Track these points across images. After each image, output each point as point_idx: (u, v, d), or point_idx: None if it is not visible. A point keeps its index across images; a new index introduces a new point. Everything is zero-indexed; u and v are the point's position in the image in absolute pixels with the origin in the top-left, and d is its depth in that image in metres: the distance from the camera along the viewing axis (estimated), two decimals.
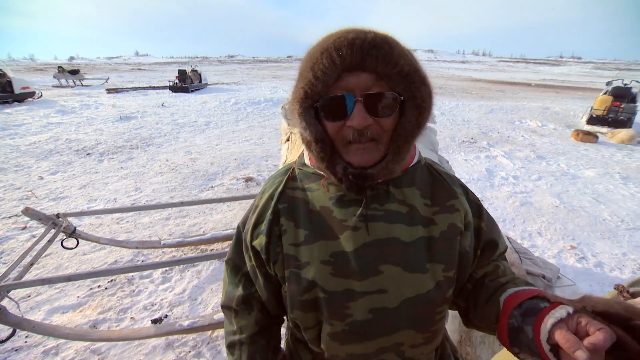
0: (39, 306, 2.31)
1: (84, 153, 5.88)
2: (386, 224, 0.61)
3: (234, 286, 0.74)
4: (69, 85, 17.39)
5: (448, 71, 42.96)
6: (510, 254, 2.00)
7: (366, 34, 0.53)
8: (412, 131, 0.57)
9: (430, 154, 1.84)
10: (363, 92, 0.53)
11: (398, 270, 0.60)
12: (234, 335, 0.74)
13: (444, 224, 0.63)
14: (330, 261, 0.61)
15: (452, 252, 0.63)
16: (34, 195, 4.10)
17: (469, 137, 7.43)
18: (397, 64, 0.53)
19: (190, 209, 3.74)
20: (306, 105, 0.58)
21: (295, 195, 0.67)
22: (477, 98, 15.05)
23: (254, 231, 0.68)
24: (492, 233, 0.69)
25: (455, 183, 0.69)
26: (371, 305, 0.60)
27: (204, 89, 16.52)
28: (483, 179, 4.83)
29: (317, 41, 0.58)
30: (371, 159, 0.57)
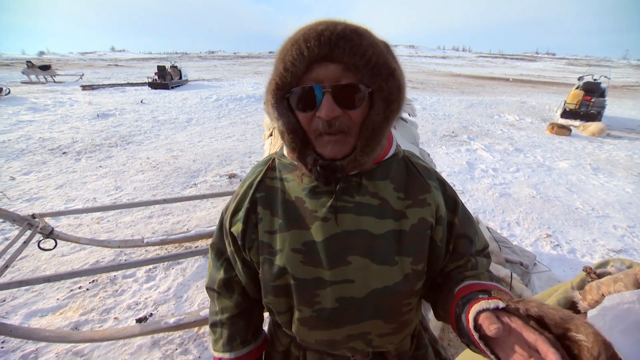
0: (15, 310, 2.23)
1: (60, 152, 5.66)
2: (355, 216, 0.62)
3: (217, 269, 0.78)
4: (40, 81, 16.62)
5: (429, 66, 43.55)
6: (490, 243, 2.08)
7: (336, 25, 0.53)
8: (380, 124, 0.56)
9: (411, 147, 1.88)
10: (332, 83, 0.54)
11: (366, 261, 0.62)
12: (216, 316, 0.78)
13: (415, 218, 0.64)
14: (302, 250, 0.64)
15: (422, 246, 0.64)
16: (6, 197, 3.93)
17: (450, 131, 7.59)
18: (364, 55, 0.52)
19: (173, 207, 3.68)
20: (278, 97, 0.58)
21: (274, 185, 0.69)
22: (458, 93, 15.36)
23: (232, 218, 0.71)
24: (465, 229, 0.69)
25: (432, 177, 0.69)
26: (338, 295, 0.63)
27: (184, 86, 16.17)
28: (464, 171, 4.96)
29: (292, 33, 0.58)
30: (340, 151, 0.58)
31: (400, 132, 1.99)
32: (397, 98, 0.56)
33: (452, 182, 4.49)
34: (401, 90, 0.57)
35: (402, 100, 0.58)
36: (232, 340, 0.75)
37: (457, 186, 4.37)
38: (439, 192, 0.68)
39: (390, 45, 0.60)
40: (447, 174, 4.81)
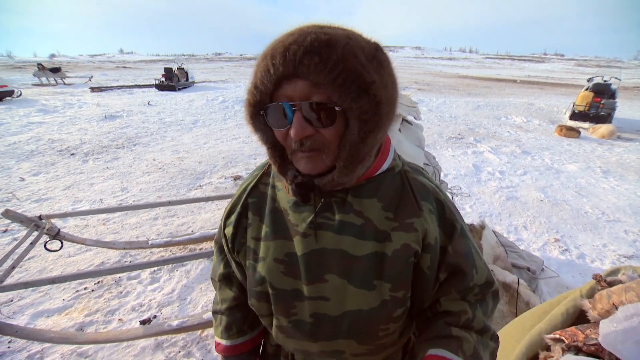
0: (22, 310, 2.25)
1: (68, 153, 5.73)
2: (335, 234, 0.60)
3: (218, 263, 0.81)
4: (50, 83, 16.90)
5: (435, 68, 43.39)
6: (497, 248, 2.05)
7: (306, 36, 0.48)
8: (356, 144, 0.52)
9: (416, 150, 1.86)
10: (301, 101, 0.50)
11: (343, 282, 0.60)
12: (217, 305, 0.81)
13: (398, 243, 0.59)
14: (284, 260, 0.63)
15: (403, 273, 0.60)
16: (15, 197, 3.99)
17: (456, 133, 7.53)
18: (331, 71, 0.47)
19: (179, 209, 3.70)
20: (252, 113, 0.56)
21: (266, 191, 0.69)
22: (464, 94, 15.26)
23: (226, 220, 0.72)
24: (459, 259, 0.62)
25: (429, 197, 0.62)
26: (314, 310, 0.62)
27: (191, 87, 16.30)
28: (470, 174, 4.91)
29: (268, 43, 0.54)
30: (315, 169, 0.55)
31: (406, 134, 1.98)
32: (373, 117, 0.51)
33: (459, 184, 4.45)
34: (379, 107, 0.51)
35: (383, 117, 0.52)
36: (228, 329, 0.78)
37: (463, 189, 4.32)
38: (433, 215, 0.62)
39: (380, 50, 0.54)
40: (453, 177, 4.77)
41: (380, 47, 0.55)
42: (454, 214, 0.64)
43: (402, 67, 41.64)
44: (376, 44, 0.54)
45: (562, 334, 0.90)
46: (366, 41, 0.53)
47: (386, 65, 0.53)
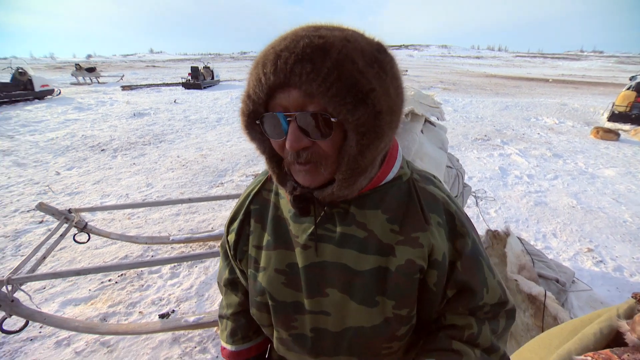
0: (53, 298, 2.36)
1: (99, 149, 6.00)
2: (337, 247, 0.57)
3: (224, 268, 0.79)
4: (86, 82, 17.81)
5: (462, 67, 42.17)
6: (522, 256, 1.95)
7: (298, 42, 0.45)
8: (355, 157, 0.48)
9: (439, 152, 1.79)
10: (296, 112, 0.47)
11: (344, 297, 0.58)
12: (223, 309, 0.80)
13: (402, 258, 0.56)
14: (285, 271, 0.61)
15: (408, 290, 0.57)
16: (51, 190, 4.21)
17: (482, 134, 7.27)
18: (325, 80, 0.43)
19: (200, 205, 3.77)
20: (247, 123, 0.54)
21: (269, 198, 0.67)
22: (492, 94, 14.73)
23: (229, 226, 0.71)
24: (468, 276, 0.58)
25: (438, 209, 0.58)
26: (314, 324, 0.60)
27: (216, 86, 16.68)
28: (496, 177, 4.72)
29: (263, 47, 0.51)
30: (314, 181, 0.52)
31: (428, 136, 1.91)
32: (372, 128, 0.47)
33: (483, 188, 4.28)
34: (379, 117, 0.46)
35: (384, 127, 0.48)
36: (233, 335, 0.76)
37: (488, 193, 4.16)
38: (442, 229, 0.58)
39: (383, 50, 0.50)
40: (477, 180, 4.60)
41: (384, 48, 0.50)
42: (466, 227, 0.60)
43: (427, 66, 40.78)
44: (378, 44, 0.50)
45: (594, 356, 0.83)
46: (367, 42, 0.49)
47: (390, 68, 0.49)
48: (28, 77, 11.06)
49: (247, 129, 0.55)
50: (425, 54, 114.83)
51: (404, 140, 1.69)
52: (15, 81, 11.04)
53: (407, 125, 1.75)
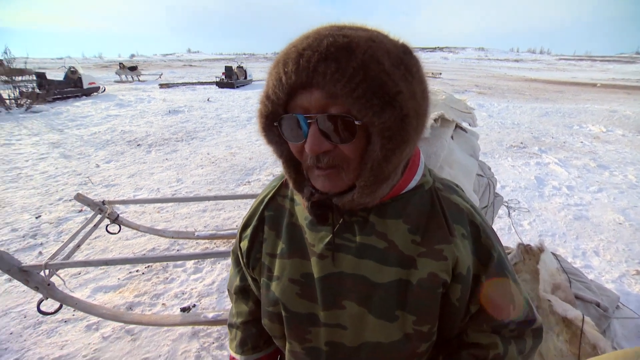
0: (86, 284, 2.50)
1: (135, 144, 6.31)
2: (355, 258, 0.55)
3: (235, 275, 0.77)
4: (128, 80, 18.86)
5: (499, 70, 40.43)
6: (557, 275, 1.81)
7: (322, 40, 0.43)
8: (379, 163, 0.46)
9: (469, 159, 1.70)
10: (317, 113, 0.45)
11: (362, 310, 0.54)
12: (232, 318, 0.78)
13: (424, 271, 0.53)
14: (300, 281, 0.58)
15: (430, 305, 0.54)
16: (91, 182, 4.48)
17: (518, 141, 6.91)
18: (350, 81, 0.41)
19: (226, 203, 3.85)
20: (265, 125, 0.52)
21: (284, 204, 0.64)
22: (531, 99, 13.98)
23: (242, 233, 0.68)
24: (494, 292, 0.56)
25: (462, 220, 0.55)
26: (329, 338, 0.57)
27: (248, 85, 17.06)
28: (531, 187, 4.46)
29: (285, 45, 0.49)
30: (333, 187, 0.50)
31: (458, 142, 1.82)
32: (398, 132, 0.44)
33: (517, 198, 4.06)
34: (406, 121, 0.44)
35: (410, 132, 0.46)
36: (243, 345, 0.75)
37: (522, 203, 3.93)
38: (467, 241, 0.55)
39: (409, 53, 0.47)
40: (511, 189, 4.37)
41: (409, 50, 0.48)
42: (491, 239, 0.56)
43: (462, 69, 39.49)
44: (404, 46, 0.47)
45: None
46: (392, 43, 0.46)
47: (415, 71, 0.47)
48: (78, 76, 11.91)
49: (264, 131, 0.53)
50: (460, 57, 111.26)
51: (432, 146, 1.62)
52: (67, 79, 11.92)
53: (437, 130, 1.68)
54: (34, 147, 5.95)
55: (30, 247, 3.01)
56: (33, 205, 3.80)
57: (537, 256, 1.98)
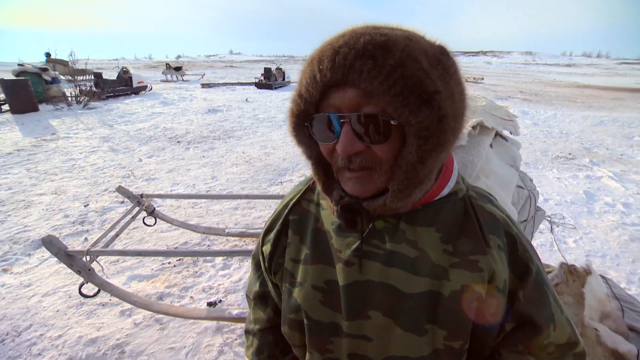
0: (123, 271, 2.65)
1: (175, 141, 6.63)
2: (384, 266, 0.52)
3: (255, 280, 0.75)
4: (173, 80, 19.92)
5: (548, 76, 37.93)
6: (607, 302, 1.64)
7: (359, 38, 0.42)
8: (414, 165, 0.44)
9: (508, 169, 1.60)
10: (351, 113, 0.43)
11: (388, 322, 0.51)
12: (250, 324, 0.76)
13: (457, 283, 0.50)
14: (324, 288, 0.56)
15: (463, 320, 0.50)
16: (133, 175, 4.76)
17: (566, 152, 6.43)
18: (387, 79, 0.40)
19: (257, 202, 3.92)
20: (296, 125, 0.51)
21: (309, 208, 0.63)
22: (583, 107, 12.97)
23: (265, 237, 0.67)
24: (532, 309, 0.52)
25: (498, 231, 0.52)
26: (352, 350, 0.54)
27: (286, 87, 17.35)
28: (579, 202, 4.12)
29: (318, 45, 0.48)
30: (364, 191, 0.48)
31: (497, 151, 1.72)
32: (436, 133, 0.43)
33: (562, 213, 3.76)
34: (444, 121, 0.42)
35: (448, 133, 0.44)
36: (259, 352, 0.73)
37: (568, 219, 3.64)
38: (503, 253, 0.51)
39: (446, 54, 0.46)
40: (555, 203, 4.06)
41: (447, 51, 0.46)
42: (529, 252, 0.53)
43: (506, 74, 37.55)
44: (441, 47, 0.46)
45: None
46: (429, 44, 0.45)
47: (453, 72, 0.46)
48: (129, 75, 12.78)
49: (295, 131, 0.53)
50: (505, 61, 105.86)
51: (469, 154, 1.54)
52: (120, 78, 12.85)
53: (474, 138, 1.59)
54: (87, 141, 6.44)
55: (77, 232, 3.26)
56: (83, 194, 4.10)
57: (582, 278, 1.82)
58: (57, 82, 10.26)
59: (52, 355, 1.92)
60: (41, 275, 2.62)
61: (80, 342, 2.00)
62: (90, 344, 1.98)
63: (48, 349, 1.96)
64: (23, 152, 5.65)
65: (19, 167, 4.97)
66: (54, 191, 4.18)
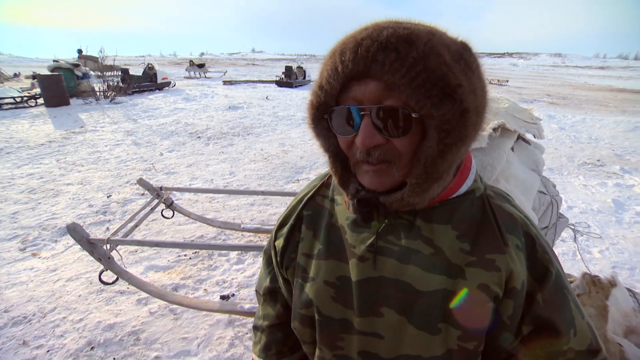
0: (141, 261, 2.74)
1: (196, 136, 6.78)
2: (399, 262, 0.51)
3: (265, 276, 0.76)
4: (196, 76, 20.39)
5: (578, 79, 36.33)
6: (632, 316, 1.57)
7: (382, 31, 0.42)
8: (433, 159, 0.44)
9: (530, 174, 1.54)
10: (371, 105, 0.43)
11: (401, 319, 0.50)
12: (258, 320, 0.77)
13: (474, 282, 0.49)
14: (336, 284, 0.55)
15: (478, 320, 0.49)
16: (154, 168, 4.90)
17: (594, 158, 6.15)
18: (409, 71, 0.40)
19: (273, 199, 3.96)
20: (315, 117, 0.51)
21: (323, 204, 0.63)
22: (616, 112, 12.36)
23: (278, 231, 0.67)
24: (551, 312, 0.50)
25: (517, 230, 0.51)
26: (363, 347, 0.53)
27: (306, 85, 17.40)
28: (607, 211, 3.93)
29: (338, 39, 0.49)
30: (382, 184, 0.48)
31: (519, 155, 1.66)
32: (457, 127, 0.42)
33: (587, 221, 3.61)
34: (466, 116, 0.42)
35: (469, 128, 0.44)
36: (267, 349, 0.73)
37: (593, 228, 3.48)
38: (522, 253, 0.50)
39: (468, 50, 0.46)
40: (579, 211, 3.90)
41: (469, 47, 0.46)
42: (548, 254, 0.51)
43: (532, 76, 36.26)
44: (463, 43, 0.45)
45: None
46: (452, 39, 0.45)
47: (475, 68, 0.45)
48: (154, 72, 13.16)
49: (314, 123, 0.53)
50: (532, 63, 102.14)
51: (488, 157, 1.50)
52: (145, 74, 13.26)
53: (495, 140, 1.55)
54: (113, 134, 6.68)
55: (100, 222, 3.39)
56: (106, 185, 4.27)
57: (606, 290, 1.73)
58: (87, 78, 10.71)
59: (73, 337, 2.01)
60: (66, 261, 2.74)
61: (99, 326, 2.08)
62: (108, 330, 2.06)
63: (70, 332, 2.05)
64: (54, 144, 5.93)
65: (50, 158, 5.22)
66: (80, 182, 4.36)
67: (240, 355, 1.90)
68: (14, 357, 1.88)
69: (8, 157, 5.19)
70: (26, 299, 2.31)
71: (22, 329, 2.07)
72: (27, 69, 22.58)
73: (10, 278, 2.52)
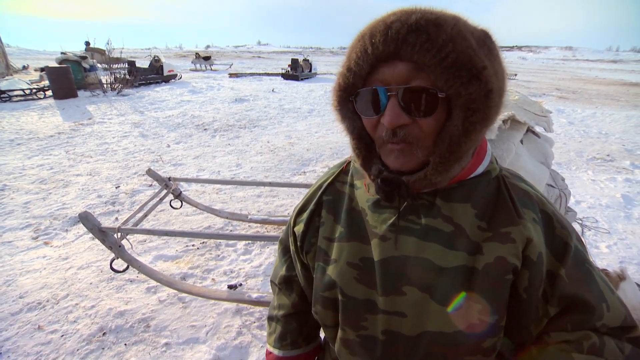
0: (149, 251, 2.78)
1: (202, 128, 6.80)
2: (420, 240, 0.52)
3: (281, 265, 0.77)
4: (202, 69, 20.33)
5: (589, 72, 35.58)
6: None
7: (410, 15, 0.44)
8: (458, 138, 0.46)
9: (539, 167, 1.54)
10: (398, 86, 0.45)
11: (424, 297, 0.51)
12: (273, 310, 0.77)
13: (491, 256, 0.50)
14: (359, 265, 0.57)
15: (497, 294, 0.50)
16: (161, 160, 4.94)
17: (603, 153, 6.06)
18: (439, 52, 0.42)
19: (280, 190, 3.98)
20: (341, 99, 0.53)
21: (343, 189, 0.64)
22: (627, 106, 12.12)
23: (297, 217, 0.68)
24: (579, 287, 0.50)
25: (532, 206, 0.53)
26: (386, 326, 0.54)
27: (312, 78, 17.30)
28: (615, 206, 3.89)
29: (364, 25, 0.50)
30: (405, 164, 0.49)
31: (528, 147, 1.66)
32: (482, 107, 0.45)
33: (595, 216, 3.58)
34: (490, 96, 0.45)
35: (492, 108, 0.46)
36: (282, 339, 0.74)
37: (601, 223, 3.46)
38: (538, 226, 0.51)
39: (489, 37, 0.48)
40: (587, 206, 3.86)
41: (490, 35, 0.48)
42: (567, 229, 0.52)
43: (542, 70, 35.60)
44: (485, 31, 0.48)
45: None
46: (474, 27, 0.47)
47: (496, 53, 0.48)
48: (160, 64, 13.17)
49: (339, 105, 0.54)
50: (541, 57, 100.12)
51: (497, 149, 1.49)
52: (151, 67, 13.27)
53: (504, 132, 1.54)
54: (120, 126, 6.73)
55: (109, 212, 3.44)
56: (115, 176, 4.32)
57: (615, 284, 1.73)
58: (94, 70, 10.75)
59: (85, 323, 2.06)
60: (77, 250, 2.80)
61: (110, 313, 2.13)
62: (119, 316, 2.11)
63: (82, 318, 2.10)
64: (63, 135, 6.00)
65: (59, 149, 5.29)
66: (89, 172, 4.42)
67: (247, 343, 1.94)
68: (30, 340, 1.94)
69: (19, 148, 5.27)
70: (40, 286, 2.37)
71: (37, 314, 2.13)
72: (35, 61, 22.73)
73: (24, 265, 2.58)
